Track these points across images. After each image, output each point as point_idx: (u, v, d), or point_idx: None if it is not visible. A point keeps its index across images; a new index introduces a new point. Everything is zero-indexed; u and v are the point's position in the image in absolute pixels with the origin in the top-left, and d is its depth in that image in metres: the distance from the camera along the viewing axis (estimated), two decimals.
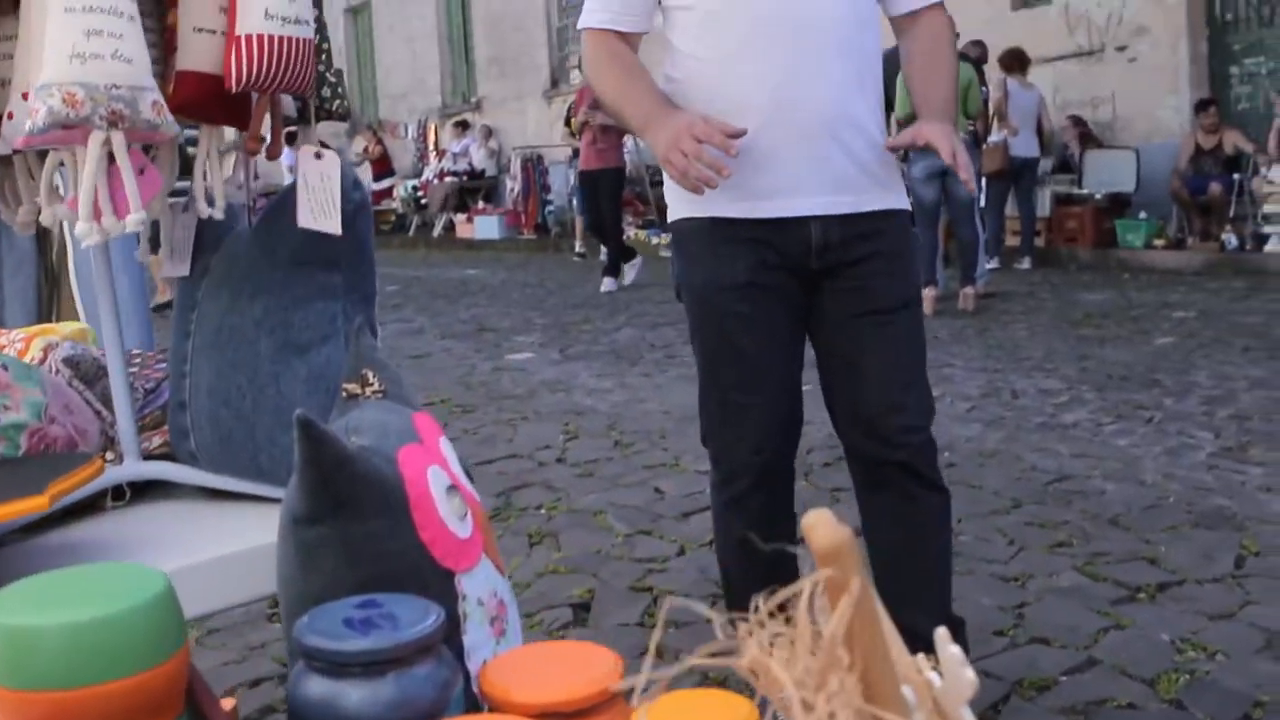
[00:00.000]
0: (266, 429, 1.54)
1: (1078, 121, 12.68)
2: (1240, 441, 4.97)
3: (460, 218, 19.35)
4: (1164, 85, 12.37)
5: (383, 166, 22.13)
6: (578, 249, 15.14)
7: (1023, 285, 10.35)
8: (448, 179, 19.93)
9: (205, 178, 1.54)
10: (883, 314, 2.38)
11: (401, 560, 1.04)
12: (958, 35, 2.61)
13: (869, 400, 2.40)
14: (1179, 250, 11.60)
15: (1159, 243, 11.76)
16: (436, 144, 21.97)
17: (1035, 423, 5.43)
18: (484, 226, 18.58)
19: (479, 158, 20.12)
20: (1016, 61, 11.63)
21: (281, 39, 1.46)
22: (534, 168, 18.27)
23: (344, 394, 1.26)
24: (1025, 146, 11.73)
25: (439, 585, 1.05)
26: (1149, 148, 12.22)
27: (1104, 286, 10.22)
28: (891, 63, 2.45)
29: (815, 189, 2.32)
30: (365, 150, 22.31)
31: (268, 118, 1.64)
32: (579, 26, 2.52)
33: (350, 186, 1.57)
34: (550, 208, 18.15)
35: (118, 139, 1.34)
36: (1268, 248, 10.99)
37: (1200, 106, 11.75)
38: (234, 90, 1.47)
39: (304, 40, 1.50)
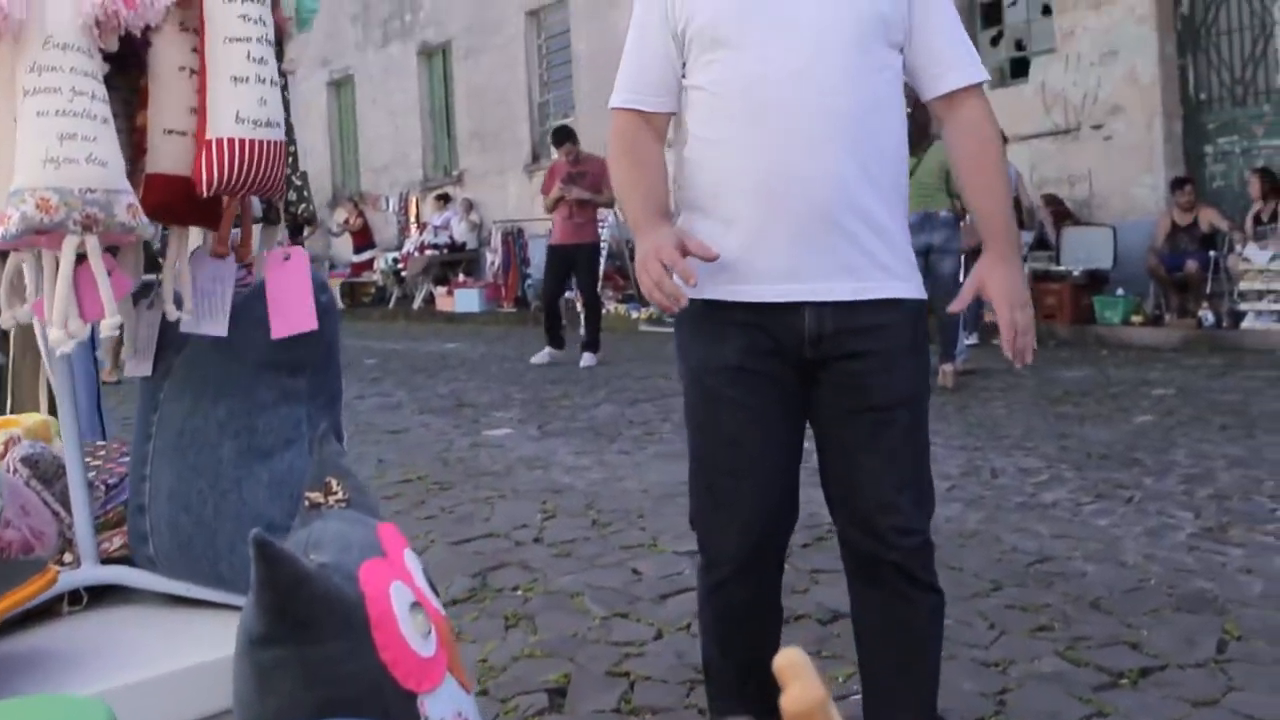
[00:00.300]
0: (228, 536, 1.50)
1: (1052, 200, 12.78)
2: (1220, 522, 4.95)
3: (440, 290, 19.36)
4: (1139, 164, 12.49)
5: (363, 239, 22.21)
6: None
7: (1001, 362, 10.28)
8: (428, 252, 19.97)
9: (174, 280, 1.53)
10: (881, 411, 2.35)
11: (361, 682, 1.00)
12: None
13: (864, 497, 2.37)
14: (1157, 327, 11.65)
15: (1137, 319, 11.82)
16: (418, 217, 22.04)
17: (1015, 502, 5.41)
18: (464, 300, 18.59)
19: (460, 231, 20.17)
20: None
21: (253, 143, 1.45)
22: (514, 241, 18.34)
23: (307, 503, 1.23)
24: None
25: (400, 707, 1.01)
26: (1125, 225, 12.32)
27: (1083, 363, 10.24)
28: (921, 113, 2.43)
29: (809, 274, 2.29)
30: (346, 222, 22.40)
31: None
32: (610, 106, 2.51)
33: (317, 289, 1.55)
34: (530, 281, 18.17)
35: (92, 243, 1.33)
36: (1244, 324, 11.05)
37: (1176, 184, 11.87)
38: (205, 195, 1.45)
39: (275, 143, 1.49)
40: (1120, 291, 12.02)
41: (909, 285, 2.40)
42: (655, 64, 2.44)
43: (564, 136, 12.04)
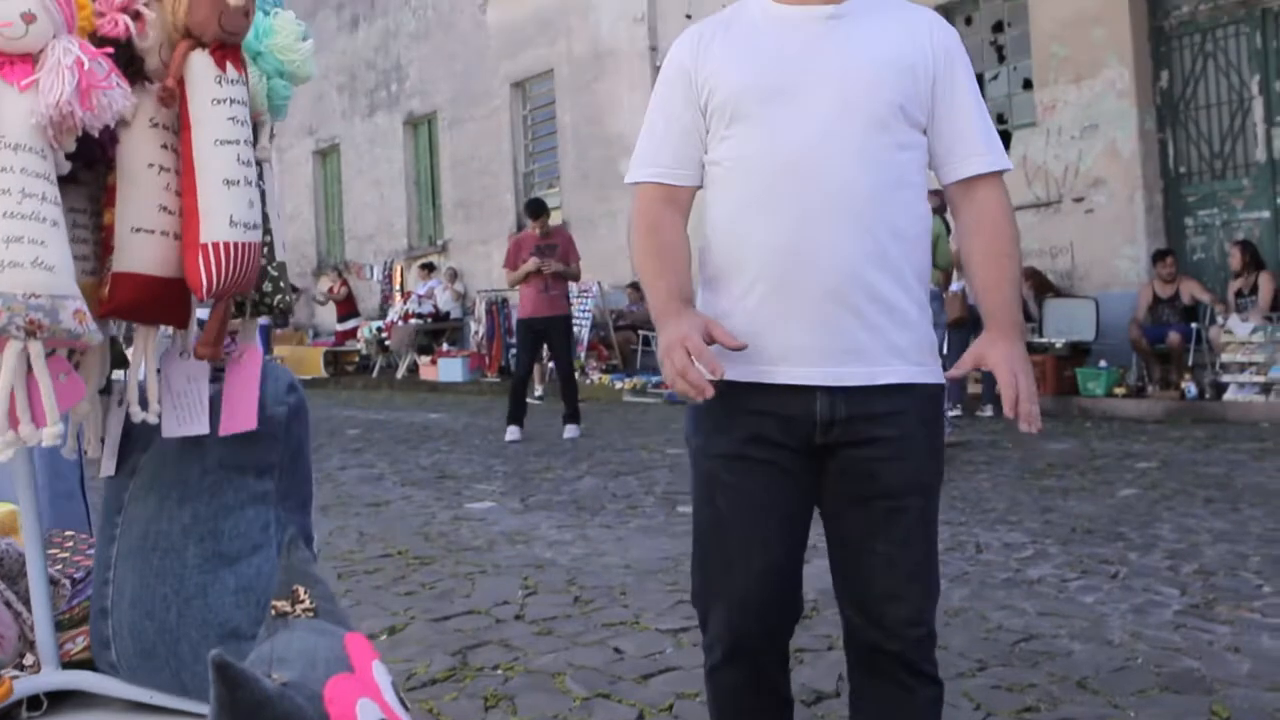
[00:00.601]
0: (192, 643, 1.45)
1: (1033, 273, 12.83)
2: (1206, 598, 4.92)
3: (424, 360, 19.34)
4: (1121, 236, 12.57)
5: (348, 307, 22.22)
6: (537, 393, 15.12)
7: (986, 434, 10.36)
8: (412, 320, 19.96)
9: (140, 379, 1.50)
10: (892, 498, 2.31)
11: None
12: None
13: (871, 587, 2.34)
14: (1140, 399, 11.67)
15: (1119, 391, 11.84)
16: (402, 285, 22.07)
17: (1000, 578, 5.37)
18: (448, 369, 18.56)
19: (444, 300, 20.19)
20: None
21: (243, 246, 1.44)
22: (499, 311, 18.34)
23: (273, 611, 1.20)
24: None
25: None
26: (1107, 296, 12.38)
27: (1066, 435, 10.23)
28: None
29: (821, 358, 2.26)
30: (330, 291, 22.42)
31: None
32: (627, 181, 2.49)
33: (285, 390, 1.53)
34: (514, 351, 18.18)
35: (35, 348, 1.30)
36: (1227, 396, 11.08)
37: (1157, 256, 11.95)
38: (203, 299, 1.44)
39: (258, 245, 1.48)
40: (1103, 363, 12.05)
41: (925, 370, 2.35)
42: (678, 137, 2.42)
43: (541, 209, 12.06)
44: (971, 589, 5.20)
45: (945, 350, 10.95)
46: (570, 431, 11.31)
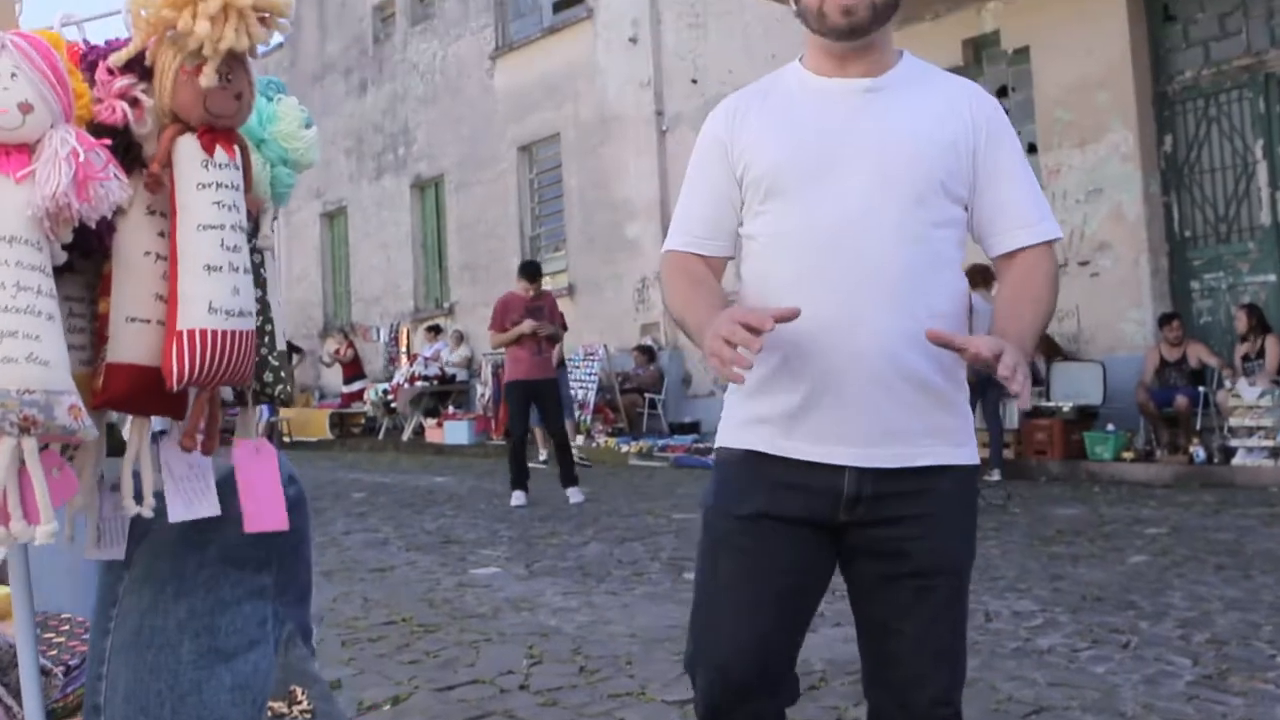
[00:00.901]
0: None
1: (1047, 334, 12.82)
2: (1219, 669, 4.86)
3: (430, 422, 19.31)
4: (1127, 299, 12.57)
5: (354, 369, 22.23)
6: (542, 457, 15.07)
7: (992, 499, 10.29)
8: (418, 383, 19.95)
9: (134, 473, 1.47)
10: (922, 578, 2.27)
11: None
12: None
13: (900, 669, 2.29)
14: (1148, 463, 11.62)
15: (1128, 455, 11.79)
16: (408, 348, 22.09)
17: (1010, 648, 5.31)
18: (453, 432, 18.52)
19: (450, 362, 20.19)
20: (981, 276, 11.79)
21: (224, 334, 1.41)
22: (505, 374, 18.30)
23: (270, 713, 1.17)
24: None
25: None
26: (1114, 360, 12.36)
27: (1074, 500, 10.17)
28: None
29: (854, 437, 2.22)
30: (337, 353, 22.44)
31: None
32: (663, 250, 2.47)
33: (285, 481, 1.50)
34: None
35: (29, 445, 1.27)
36: (1235, 461, 11.02)
37: (1164, 320, 11.93)
38: (174, 389, 1.41)
39: (246, 334, 1.45)
40: (1110, 427, 12.01)
41: (960, 451, 2.31)
42: (712, 207, 2.41)
43: (539, 272, 12.09)
44: (982, 659, 5.14)
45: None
46: (576, 496, 11.25)
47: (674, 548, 8.26)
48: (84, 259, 1.46)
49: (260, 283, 1.54)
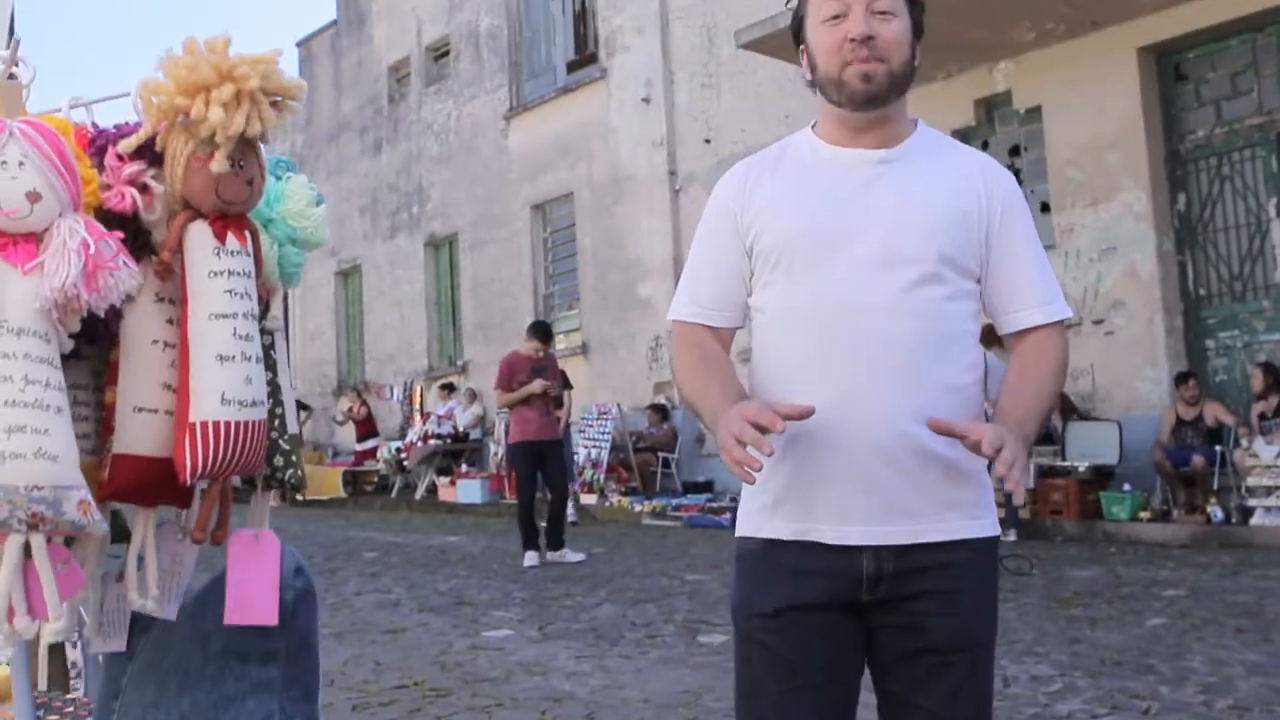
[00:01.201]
0: None
1: (1063, 394, 12.75)
2: None
3: (443, 481, 19.27)
4: (1142, 358, 12.53)
5: (367, 427, 22.23)
6: (572, 519, 15.05)
7: (1010, 561, 10.21)
8: (431, 441, 19.93)
9: (140, 565, 1.45)
10: (940, 654, 2.23)
11: None
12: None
13: None
14: (1165, 523, 11.53)
15: (1144, 515, 11.70)
16: (422, 406, 22.09)
17: (1029, 714, 5.24)
18: (466, 490, 18.47)
19: (463, 420, 20.17)
20: (994, 336, 11.76)
21: (238, 425, 1.39)
22: (511, 434, 18.27)
23: None
24: None
25: None
26: (1130, 419, 12.30)
27: (1091, 561, 10.09)
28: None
29: (869, 516, 2.19)
30: (350, 411, 22.46)
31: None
32: (669, 317, 2.45)
33: (291, 573, 1.47)
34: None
35: (37, 541, 1.25)
36: (1254, 521, 10.93)
37: (1180, 379, 11.88)
38: (188, 483, 1.39)
39: (259, 423, 1.43)
40: (1127, 487, 11.93)
41: (979, 524, 2.28)
42: (721, 278, 2.39)
43: (550, 333, 12.10)
44: None
45: None
46: (576, 556, 11.22)
47: (688, 610, 8.20)
48: (90, 345, 1.44)
49: (270, 365, 1.52)
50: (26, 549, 1.24)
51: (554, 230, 20.24)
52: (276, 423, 1.56)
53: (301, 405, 24.21)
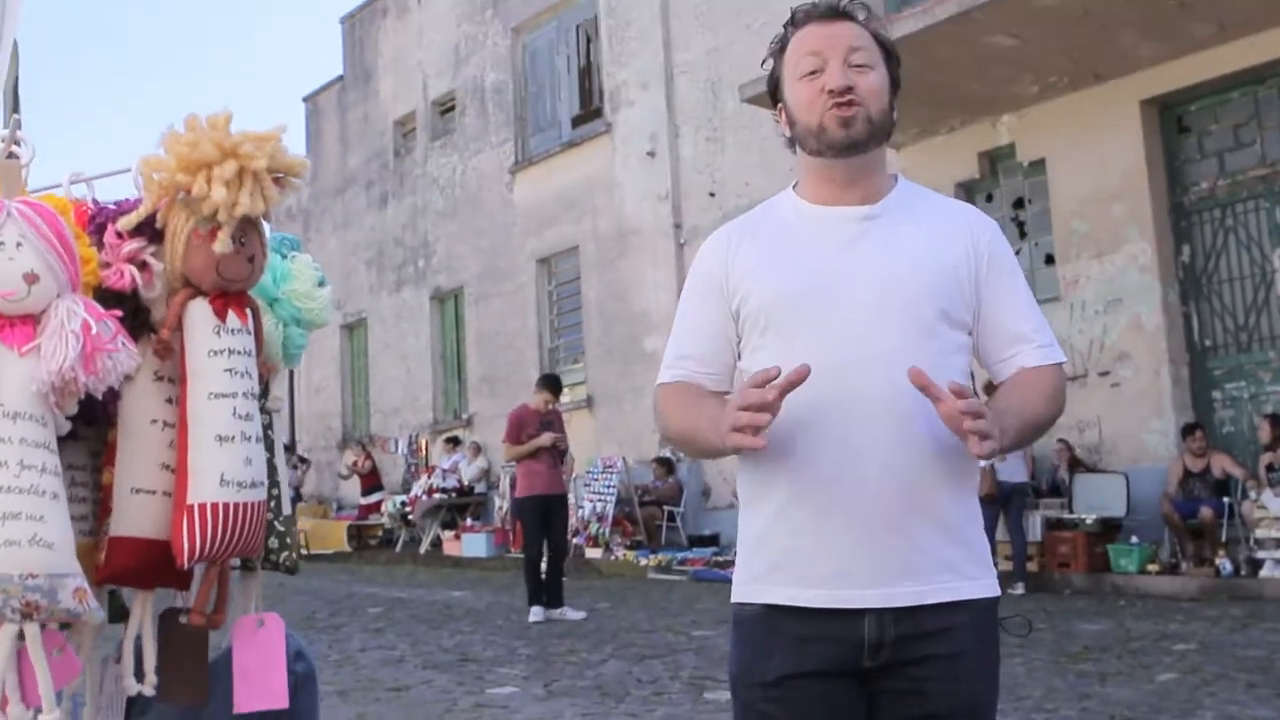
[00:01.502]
0: None
1: (1066, 446, 12.73)
2: None
3: (448, 534, 19.20)
4: (1148, 410, 12.50)
5: (372, 480, 22.20)
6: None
7: (1018, 613, 10.13)
8: (436, 494, 19.88)
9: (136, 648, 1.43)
10: (942, 719, 2.21)
11: None
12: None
13: None
14: (1174, 575, 11.47)
15: (1153, 568, 11.65)
16: (426, 459, 22.05)
17: None
18: (471, 544, 18.41)
19: (468, 474, 20.13)
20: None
21: (236, 506, 1.36)
22: (518, 488, 18.22)
23: None
24: (1013, 471, 11.83)
25: None
26: (1137, 471, 12.26)
27: (1100, 615, 10.03)
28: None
29: (869, 579, 2.16)
30: (354, 465, 22.44)
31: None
32: (657, 383, 2.43)
33: (292, 657, 1.45)
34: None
35: (31, 631, 1.23)
36: (1263, 573, 10.87)
37: (1187, 430, 11.85)
38: (185, 566, 1.36)
39: (258, 504, 1.40)
40: (1134, 539, 11.88)
41: (978, 584, 2.25)
42: (708, 342, 2.37)
43: (560, 386, 12.08)
44: None
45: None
46: (578, 614, 11.15)
47: (694, 666, 8.14)
48: (88, 426, 1.42)
49: (268, 446, 1.50)
50: (21, 635, 1.23)
51: (559, 284, 20.28)
52: (273, 503, 1.54)
53: (301, 459, 24.19)
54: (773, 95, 2.44)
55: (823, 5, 2.34)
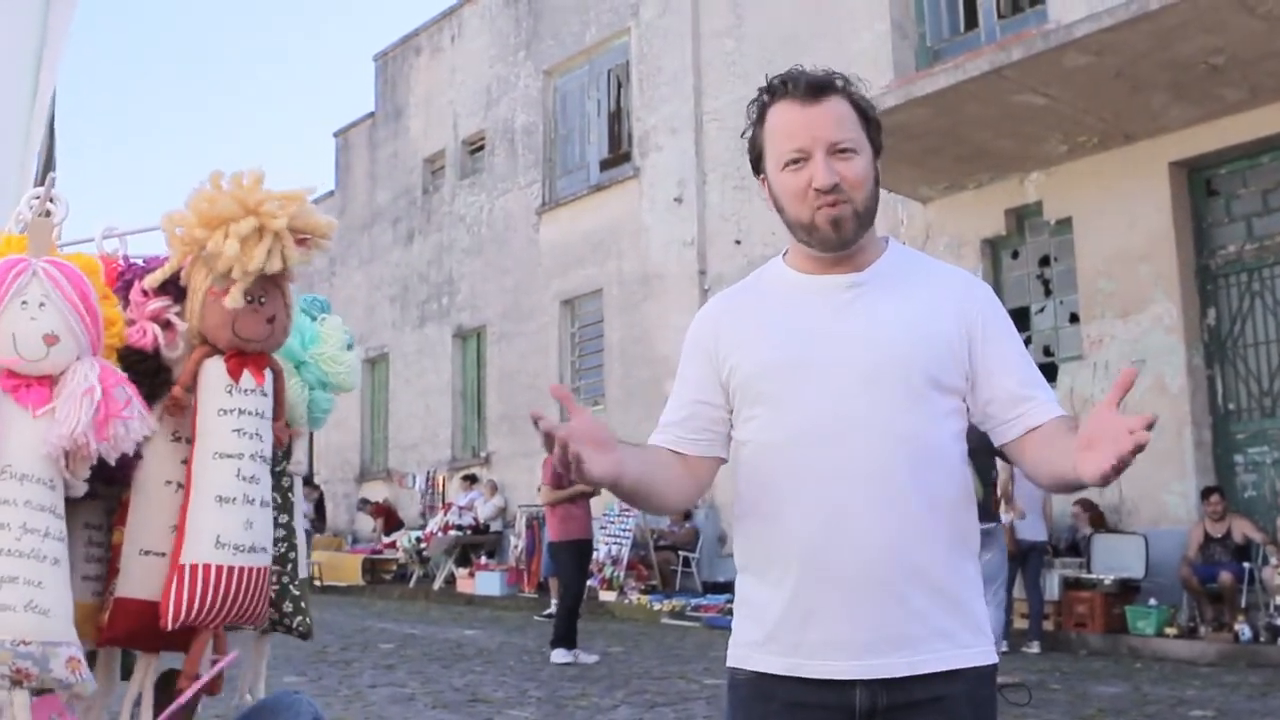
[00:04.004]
0: None
1: (1089, 505, 12.64)
2: None
3: (462, 572, 19.16)
4: (1170, 472, 12.40)
5: (392, 523, 22.25)
6: (547, 611, 15.09)
7: (1032, 672, 10.05)
8: (451, 531, 19.85)
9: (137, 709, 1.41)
10: None
11: None
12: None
13: None
14: (1192, 639, 11.35)
15: (1171, 631, 11.53)
16: (443, 495, 22.05)
17: None
18: (485, 582, 18.37)
19: (484, 512, 20.10)
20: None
21: (231, 570, 1.34)
22: (540, 526, 18.17)
23: None
24: (1032, 530, 11.75)
25: None
26: (1157, 533, 12.16)
27: (1116, 677, 9.92)
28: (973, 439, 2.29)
29: (862, 648, 2.14)
30: (374, 512, 22.55)
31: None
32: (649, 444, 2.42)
33: None
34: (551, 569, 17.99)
35: (20, 699, 1.20)
36: None
37: (1206, 493, 11.75)
38: (169, 627, 1.34)
39: (258, 570, 1.37)
40: (1153, 601, 11.77)
41: (973, 652, 2.23)
42: (696, 410, 2.37)
43: None
44: None
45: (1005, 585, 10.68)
46: (591, 657, 11.11)
47: (705, 715, 8.08)
48: (108, 485, 1.39)
49: (286, 508, 1.48)
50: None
51: (582, 325, 20.31)
52: (289, 566, 1.52)
53: (307, 482, 24.19)
54: (754, 165, 2.42)
55: (801, 82, 2.29)
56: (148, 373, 1.44)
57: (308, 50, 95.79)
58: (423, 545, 20.25)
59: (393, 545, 21.43)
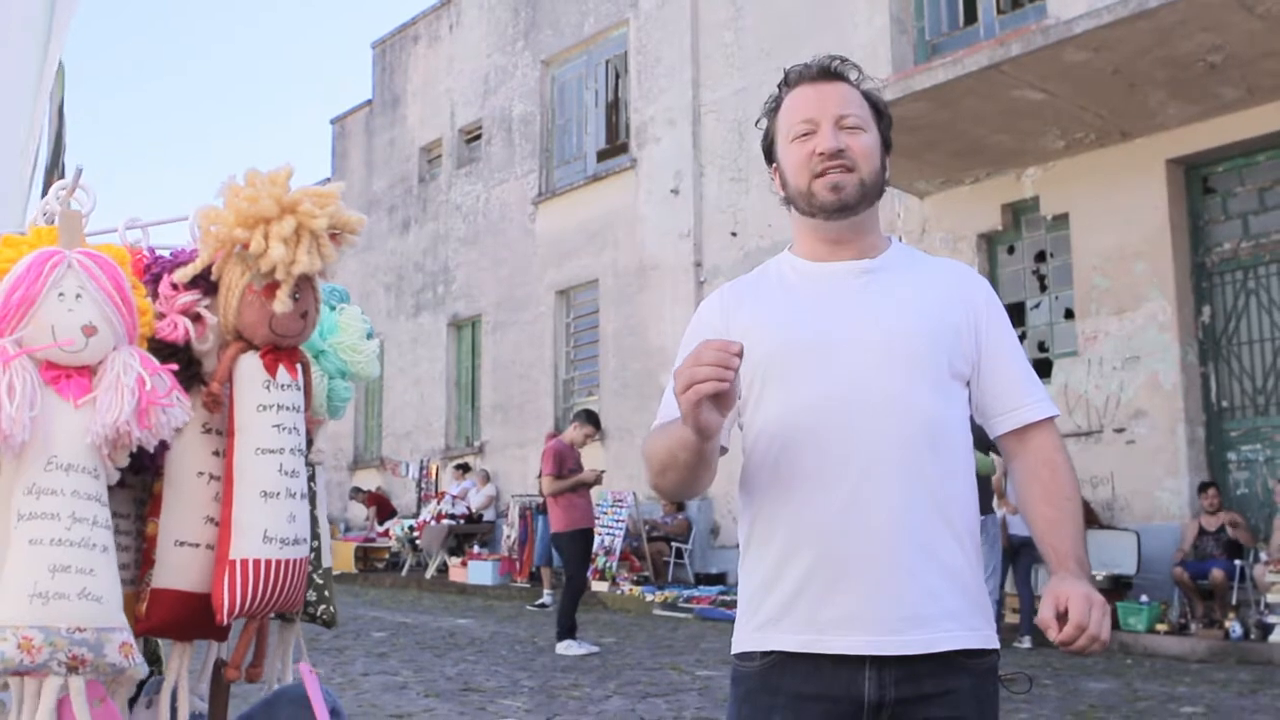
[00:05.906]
0: None
1: (1087, 504, 12.68)
2: None
3: (455, 560, 19.18)
4: (1163, 468, 12.45)
5: (386, 512, 22.25)
6: (540, 600, 15.12)
7: (1023, 667, 10.08)
8: (444, 520, 19.86)
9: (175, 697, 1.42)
10: None
11: None
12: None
13: None
14: (1183, 636, 11.39)
15: (1161, 627, 11.57)
16: (436, 485, 22.06)
17: None
18: (477, 571, 18.38)
19: (476, 501, 20.11)
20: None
21: (279, 563, 1.36)
22: (533, 516, 18.21)
23: None
24: (1024, 525, 11.75)
25: None
26: (1149, 529, 12.21)
27: (1107, 673, 9.96)
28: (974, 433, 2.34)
29: (875, 624, 2.15)
30: (367, 502, 22.54)
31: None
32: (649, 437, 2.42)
33: (331, 712, 1.45)
34: (557, 563, 18.01)
35: (76, 685, 1.22)
36: (1272, 638, 10.78)
37: (1202, 488, 11.80)
38: (224, 621, 1.36)
39: (300, 561, 1.40)
40: (1144, 598, 11.81)
41: (980, 635, 2.25)
42: None
43: (599, 422, 12.09)
44: None
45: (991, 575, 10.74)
46: (589, 647, 11.13)
47: (697, 706, 8.10)
48: (135, 474, 1.41)
49: (310, 498, 1.50)
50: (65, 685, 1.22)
51: (577, 316, 20.31)
52: (314, 556, 1.53)
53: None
54: (767, 155, 2.47)
55: (815, 66, 2.38)
56: (178, 363, 1.45)
57: (306, 37, 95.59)
58: (415, 534, 20.26)
59: (385, 534, 21.44)
